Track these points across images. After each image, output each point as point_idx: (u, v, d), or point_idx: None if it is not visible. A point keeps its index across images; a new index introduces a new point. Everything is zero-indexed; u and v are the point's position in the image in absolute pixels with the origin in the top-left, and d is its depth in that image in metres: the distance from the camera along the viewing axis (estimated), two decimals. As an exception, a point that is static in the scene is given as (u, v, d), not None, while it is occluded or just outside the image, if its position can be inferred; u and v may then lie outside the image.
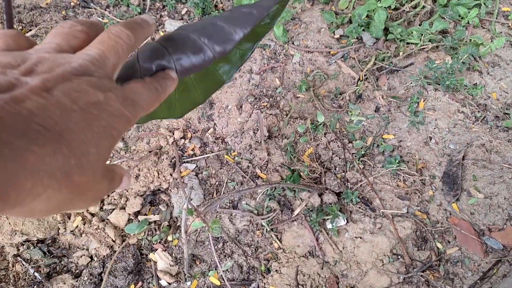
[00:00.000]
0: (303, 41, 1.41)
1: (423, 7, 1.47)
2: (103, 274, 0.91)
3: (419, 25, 1.44)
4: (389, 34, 1.40)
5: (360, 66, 1.34)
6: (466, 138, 1.16)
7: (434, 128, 1.20)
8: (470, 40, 1.38)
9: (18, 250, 0.93)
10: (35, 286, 0.90)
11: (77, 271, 0.93)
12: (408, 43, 1.41)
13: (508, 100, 1.25)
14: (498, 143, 1.14)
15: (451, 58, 1.36)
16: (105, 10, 1.37)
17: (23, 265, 0.91)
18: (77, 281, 0.90)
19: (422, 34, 1.38)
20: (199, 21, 0.36)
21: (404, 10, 1.49)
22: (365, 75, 1.31)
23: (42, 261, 0.93)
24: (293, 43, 1.39)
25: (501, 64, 1.34)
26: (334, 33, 1.44)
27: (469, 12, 1.46)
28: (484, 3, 1.48)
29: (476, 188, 1.06)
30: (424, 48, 1.38)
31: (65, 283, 0.90)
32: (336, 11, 1.50)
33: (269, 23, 0.43)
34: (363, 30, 1.41)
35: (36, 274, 0.90)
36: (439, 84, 1.28)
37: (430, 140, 1.18)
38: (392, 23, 1.43)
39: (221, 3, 1.46)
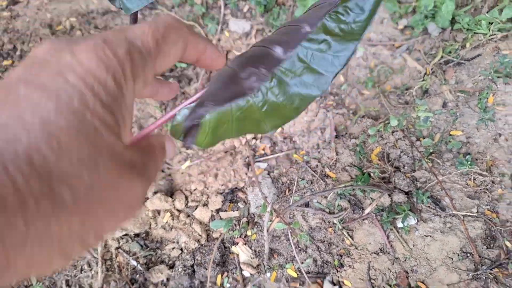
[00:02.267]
0: (366, 34, 1.39)
1: (493, -9, 1.40)
2: (194, 265, 1.03)
3: (487, 12, 1.38)
4: (456, 24, 1.36)
5: (426, 59, 1.32)
6: (539, 135, 1.15)
7: (504, 124, 1.18)
8: (546, 27, 1.32)
9: (119, 243, 1.06)
10: (137, 275, 1.03)
11: (170, 262, 1.05)
12: (475, 33, 1.36)
13: None
14: None
15: (523, 47, 1.31)
16: (171, 10, 1.42)
17: (124, 256, 1.05)
18: (172, 271, 1.03)
19: (491, 23, 1.33)
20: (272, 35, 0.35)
21: (471, -5, 1.43)
22: (431, 69, 1.30)
23: (140, 253, 1.05)
24: (355, 37, 1.39)
25: None
26: (397, 24, 1.41)
27: (544, -5, 1.37)
28: None
29: (550, 188, 1.06)
30: (493, 37, 1.33)
31: (162, 273, 1.02)
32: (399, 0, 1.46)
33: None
34: (428, 21, 1.37)
35: (137, 264, 1.03)
36: (509, 77, 1.25)
37: (500, 136, 1.17)
38: (459, 12, 1.38)
39: (281, -4, 1.46)
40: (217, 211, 1.11)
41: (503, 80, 1.25)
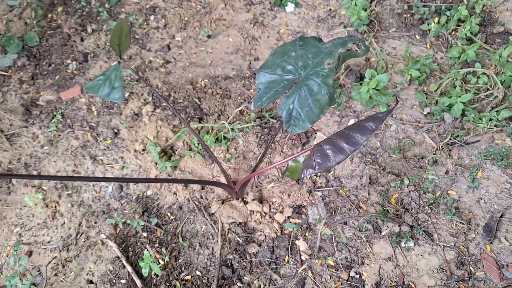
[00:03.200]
0: (399, 114, 2.04)
1: (496, 97, 2.00)
2: (273, 247, 1.71)
3: (490, 111, 1.97)
4: (465, 116, 1.97)
5: (439, 139, 1.94)
6: (507, 203, 1.72)
7: (485, 192, 1.77)
8: (529, 128, 1.89)
9: (230, 226, 1.78)
10: (239, 246, 1.73)
11: (258, 242, 1.75)
12: (477, 125, 1.96)
13: (547, 179, 1.76)
14: (530, 210, 1.68)
15: (511, 140, 1.89)
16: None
17: (233, 234, 1.76)
18: (260, 248, 1.72)
19: (490, 119, 1.92)
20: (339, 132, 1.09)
21: (480, 97, 2.03)
22: (441, 146, 1.91)
23: (241, 234, 1.76)
24: (391, 116, 2.04)
25: (549, 151, 1.84)
26: (423, 110, 2.04)
27: (533, 104, 1.95)
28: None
29: (506, 238, 1.63)
30: (490, 130, 1.92)
31: (254, 248, 1.71)
32: (427, 92, 2.10)
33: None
34: (445, 112, 1.99)
35: (239, 240, 1.74)
36: (495, 160, 1.83)
37: (481, 200, 1.76)
38: (468, 108, 1.99)
39: None
40: (288, 217, 1.80)
41: (490, 162, 1.84)
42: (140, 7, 2.54)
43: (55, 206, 1.95)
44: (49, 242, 1.86)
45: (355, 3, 2.27)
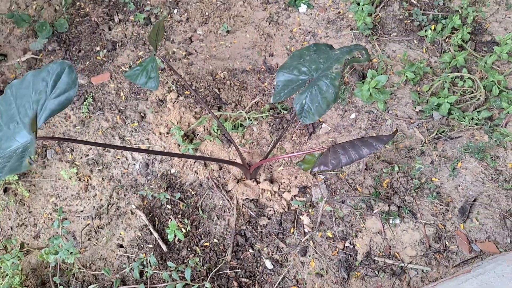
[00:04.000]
0: (394, 110, 2.33)
1: (478, 99, 2.29)
2: (281, 220, 2.01)
3: (472, 111, 2.27)
4: (451, 115, 2.26)
5: (427, 133, 2.23)
6: (480, 190, 2.03)
7: (463, 180, 2.08)
8: (506, 126, 2.19)
9: (243, 202, 2.06)
10: (252, 219, 2.02)
11: (268, 216, 2.03)
12: (461, 122, 2.25)
13: (515, 172, 2.07)
14: (499, 196, 2.00)
15: (488, 137, 2.18)
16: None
17: (246, 208, 2.04)
18: (269, 220, 2.01)
19: (472, 118, 2.22)
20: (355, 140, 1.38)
21: (465, 98, 2.32)
22: (429, 140, 2.20)
23: (254, 208, 2.04)
24: (388, 112, 2.32)
25: (519, 148, 2.15)
26: (415, 108, 2.33)
27: (509, 105, 2.24)
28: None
29: (476, 219, 1.95)
30: (472, 127, 2.21)
31: (264, 221, 2.01)
32: (419, 92, 2.38)
33: None
34: (434, 110, 2.28)
35: (252, 213, 2.03)
36: (473, 153, 2.13)
37: (459, 186, 2.06)
38: (454, 107, 2.28)
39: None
40: (294, 196, 2.09)
41: (469, 154, 2.14)
42: (164, 1, 2.75)
43: (87, 180, 2.22)
44: (82, 211, 2.13)
45: (362, 9, 2.52)
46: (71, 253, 1.71)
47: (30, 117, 1.10)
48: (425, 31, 2.57)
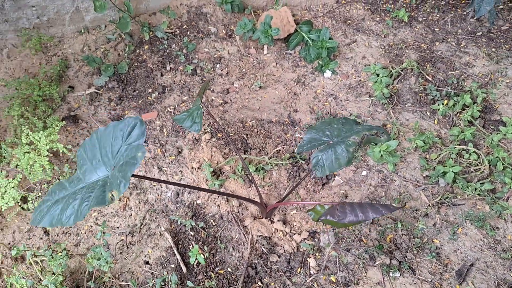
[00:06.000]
0: (403, 173, 2.56)
1: (482, 172, 2.49)
2: (290, 259, 2.21)
3: (476, 182, 2.47)
4: (455, 183, 2.47)
5: (432, 197, 2.43)
6: (478, 256, 2.18)
7: (462, 245, 2.23)
8: (507, 200, 2.37)
9: (257, 238, 2.30)
10: (263, 255, 2.24)
11: (278, 254, 2.25)
12: (464, 191, 2.44)
13: (513, 243, 2.21)
14: (495, 264, 2.14)
15: (489, 207, 2.36)
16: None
17: (259, 244, 2.27)
18: (279, 258, 2.22)
19: (475, 189, 2.42)
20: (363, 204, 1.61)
21: (469, 170, 2.53)
22: (433, 204, 2.40)
23: (266, 245, 2.27)
24: (397, 173, 2.56)
25: (518, 221, 2.30)
26: (423, 173, 2.56)
27: (512, 181, 2.43)
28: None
29: (472, 283, 2.08)
30: (474, 197, 2.40)
31: (274, 258, 2.22)
32: (428, 159, 2.62)
33: None
34: (440, 177, 2.49)
35: (264, 249, 2.25)
36: (474, 221, 2.31)
37: (458, 250, 2.22)
38: (459, 177, 2.49)
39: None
40: (304, 239, 2.30)
41: (470, 222, 2.31)
42: (209, 56, 3.22)
43: (126, 201, 2.54)
44: (118, 227, 2.42)
45: (380, 80, 2.87)
46: (107, 262, 1.98)
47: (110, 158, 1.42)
48: (438, 105, 2.86)
